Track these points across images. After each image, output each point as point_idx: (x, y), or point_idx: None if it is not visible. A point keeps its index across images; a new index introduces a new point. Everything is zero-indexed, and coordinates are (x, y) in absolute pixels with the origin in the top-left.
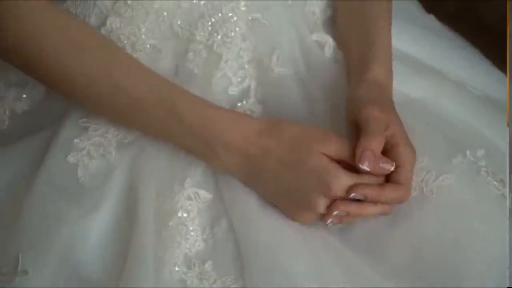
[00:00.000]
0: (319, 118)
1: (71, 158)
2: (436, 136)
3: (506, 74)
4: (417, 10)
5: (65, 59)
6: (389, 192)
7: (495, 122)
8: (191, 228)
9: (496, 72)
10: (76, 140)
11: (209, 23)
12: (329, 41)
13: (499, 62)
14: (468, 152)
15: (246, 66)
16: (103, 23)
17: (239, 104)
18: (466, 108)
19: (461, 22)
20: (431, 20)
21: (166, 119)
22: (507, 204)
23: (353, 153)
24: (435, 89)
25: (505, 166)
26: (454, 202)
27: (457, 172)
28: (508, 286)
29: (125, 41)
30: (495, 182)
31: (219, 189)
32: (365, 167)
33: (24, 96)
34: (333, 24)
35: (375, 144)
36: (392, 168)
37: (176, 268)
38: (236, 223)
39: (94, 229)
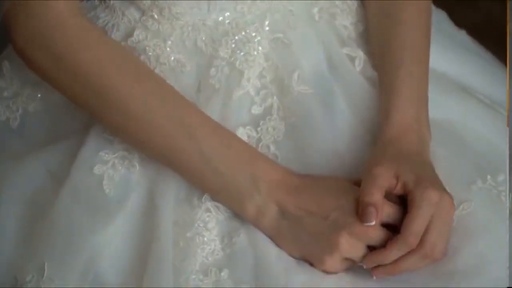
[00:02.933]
0: (345, 135)
1: (96, 170)
2: (459, 161)
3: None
4: (448, 24)
5: (122, 83)
6: (391, 249)
7: None
8: (207, 239)
9: None
10: (101, 153)
11: (233, 41)
12: (359, 55)
13: None
14: (489, 177)
15: (269, 86)
16: (131, 34)
17: (262, 122)
18: (493, 129)
19: (487, 34)
20: (461, 35)
21: (218, 148)
22: (507, 204)
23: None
24: (462, 108)
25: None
26: (474, 229)
27: (477, 199)
28: (508, 286)
29: (150, 53)
30: None
31: None
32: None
33: (39, 95)
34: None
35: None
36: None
37: (193, 276)
38: (255, 237)
39: (115, 240)
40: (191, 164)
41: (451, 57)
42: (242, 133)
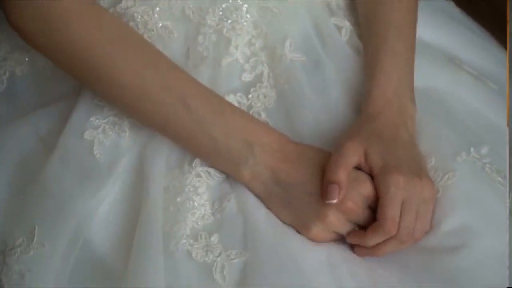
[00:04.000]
0: (333, 104)
1: (87, 135)
2: (446, 130)
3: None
4: None
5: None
6: (372, 236)
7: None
8: (197, 203)
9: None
10: (92, 118)
11: (220, 9)
12: (346, 25)
13: None
14: (472, 149)
15: (259, 53)
16: (119, 1)
17: (252, 89)
18: (480, 99)
19: (475, 7)
20: (450, 7)
21: (211, 115)
22: (507, 204)
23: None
24: (449, 78)
25: (509, 167)
26: (458, 199)
27: (461, 170)
28: (508, 286)
29: (138, 19)
30: (499, 178)
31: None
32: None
33: (26, 59)
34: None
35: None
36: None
37: (183, 241)
38: (245, 202)
39: (104, 205)
40: (185, 132)
41: (438, 28)
42: (233, 100)
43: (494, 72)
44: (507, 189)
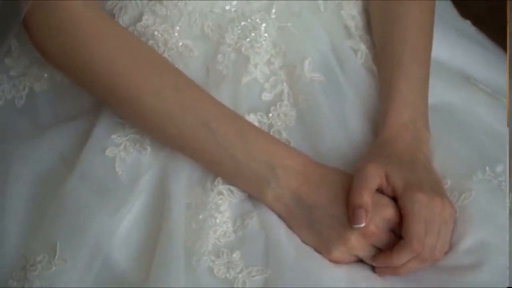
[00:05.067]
0: (350, 124)
1: (109, 153)
2: (461, 148)
3: None
4: (453, 15)
5: (136, 74)
6: (399, 255)
7: None
8: (219, 221)
9: None
10: (113, 136)
11: (239, 27)
12: (361, 48)
13: None
14: (487, 168)
15: (278, 72)
16: (139, 19)
17: (272, 108)
18: (494, 116)
19: (490, 24)
20: (467, 25)
21: (234, 137)
22: (507, 204)
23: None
24: (463, 96)
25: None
26: (475, 218)
27: (477, 189)
28: (508, 286)
29: (159, 38)
30: None
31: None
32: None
33: (46, 75)
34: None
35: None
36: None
37: (205, 257)
38: (267, 219)
39: (126, 222)
40: (207, 153)
41: (454, 47)
42: (254, 119)
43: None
44: (507, 189)
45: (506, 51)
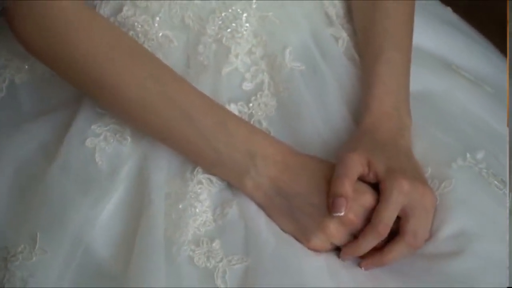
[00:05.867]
0: (331, 112)
1: (89, 143)
2: (442, 135)
3: None
4: (434, 3)
5: (118, 66)
6: (364, 238)
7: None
8: (199, 210)
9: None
10: (93, 126)
11: (220, 18)
12: (343, 36)
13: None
14: (468, 154)
15: (259, 62)
16: (120, 10)
17: (253, 98)
18: (476, 103)
19: (474, 15)
20: (448, 13)
21: (214, 127)
22: (507, 204)
23: None
24: (445, 82)
25: (509, 168)
26: (455, 205)
27: (457, 177)
28: (508, 286)
29: (139, 29)
30: (496, 182)
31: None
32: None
33: (26, 67)
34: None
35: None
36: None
37: (185, 247)
38: (247, 208)
39: (106, 212)
40: (188, 142)
41: (436, 34)
42: (234, 109)
43: (491, 77)
44: (507, 190)
45: (491, 41)
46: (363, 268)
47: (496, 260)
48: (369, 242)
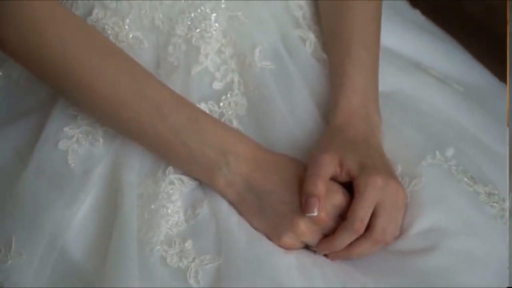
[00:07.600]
0: (301, 112)
1: (61, 145)
2: (412, 134)
3: (505, 67)
4: (403, 4)
5: (92, 63)
6: (339, 235)
7: (475, 116)
8: (171, 210)
9: (476, 66)
10: (65, 129)
11: (189, 18)
12: (310, 37)
13: (481, 53)
14: (437, 152)
15: (229, 61)
16: (90, 13)
17: (223, 97)
18: (447, 102)
19: (444, 14)
20: (416, 14)
21: (186, 122)
22: (507, 204)
23: None
24: (414, 81)
25: (479, 162)
26: (426, 202)
27: (427, 174)
28: (508, 286)
29: (109, 31)
30: (466, 179)
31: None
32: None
33: (1, 73)
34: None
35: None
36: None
37: (157, 247)
38: (218, 207)
39: (80, 213)
40: (160, 139)
41: (404, 34)
42: (204, 108)
43: (458, 75)
44: (507, 190)
45: (461, 40)
46: (329, 259)
47: (468, 255)
48: (345, 238)
